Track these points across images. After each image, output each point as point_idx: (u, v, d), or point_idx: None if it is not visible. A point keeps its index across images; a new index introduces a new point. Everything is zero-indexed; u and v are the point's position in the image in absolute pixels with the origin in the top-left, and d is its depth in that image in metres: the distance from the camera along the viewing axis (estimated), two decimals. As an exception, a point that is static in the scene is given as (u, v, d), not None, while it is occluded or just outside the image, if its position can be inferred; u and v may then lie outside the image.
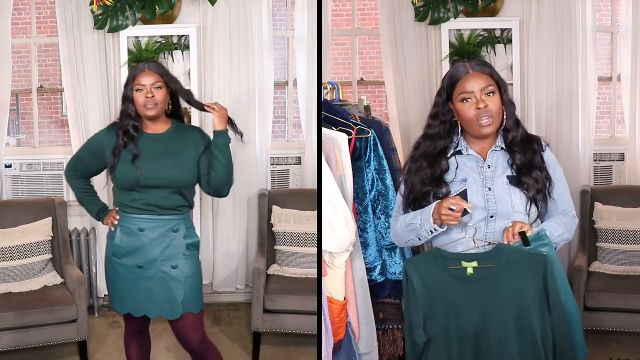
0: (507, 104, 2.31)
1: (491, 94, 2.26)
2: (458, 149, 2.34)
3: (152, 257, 2.65)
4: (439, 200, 2.25)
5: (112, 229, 2.72)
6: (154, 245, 2.65)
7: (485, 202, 2.26)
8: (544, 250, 2.19)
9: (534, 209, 2.29)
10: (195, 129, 2.85)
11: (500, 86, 2.30)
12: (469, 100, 2.26)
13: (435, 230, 2.27)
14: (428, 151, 2.35)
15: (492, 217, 2.27)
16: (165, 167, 2.64)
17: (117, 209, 2.72)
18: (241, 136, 2.74)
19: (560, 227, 2.31)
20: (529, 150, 2.31)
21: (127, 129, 2.65)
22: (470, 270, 2.19)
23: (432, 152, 2.35)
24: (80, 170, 2.82)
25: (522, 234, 2.20)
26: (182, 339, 2.76)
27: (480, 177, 2.30)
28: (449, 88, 2.32)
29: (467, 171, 2.31)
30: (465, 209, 2.19)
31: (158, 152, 2.66)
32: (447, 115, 2.34)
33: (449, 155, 2.34)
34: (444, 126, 2.35)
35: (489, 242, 2.24)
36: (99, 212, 2.84)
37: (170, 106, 2.73)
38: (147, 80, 2.62)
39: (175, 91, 2.70)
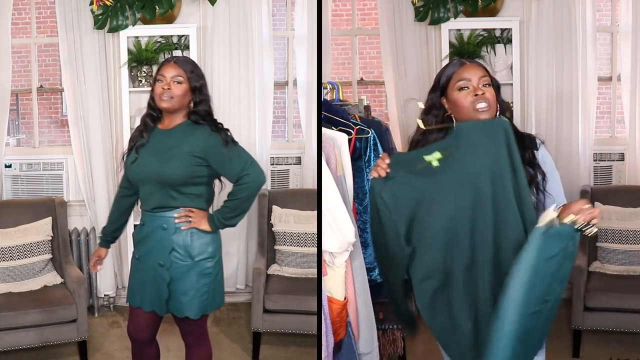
0: (501, 101, 2.31)
1: (487, 85, 2.26)
2: None
3: (145, 251, 2.67)
4: None
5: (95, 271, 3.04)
6: (147, 240, 2.66)
7: None
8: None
9: None
10: (203, 127, 2.62)
11: (494, 82, 2.30)
12: (466, 88, 2.25)
13: None
14: (420, 146, 2.35)
15: None
16: (152, 163, 2.60)
17: (101, 255, 2.92)
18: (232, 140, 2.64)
19: None
20: (519, 147, 2.31)
21: (145, 118, 2.69)
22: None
23: (425, 146, 2.34)
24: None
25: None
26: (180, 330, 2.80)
27: None
28: (444, 82, 2.32)
29: None
30: None
31: (156, 147, 2.62)
32: (440, 110, 2.34)
33: None
34: (436, 120, 2.35)
35: None
36: (104, 234, 2.92)
37: (192, 103, 2.64)
38: (168, 72, 2.61)
39: (193, 89, 2.64)
